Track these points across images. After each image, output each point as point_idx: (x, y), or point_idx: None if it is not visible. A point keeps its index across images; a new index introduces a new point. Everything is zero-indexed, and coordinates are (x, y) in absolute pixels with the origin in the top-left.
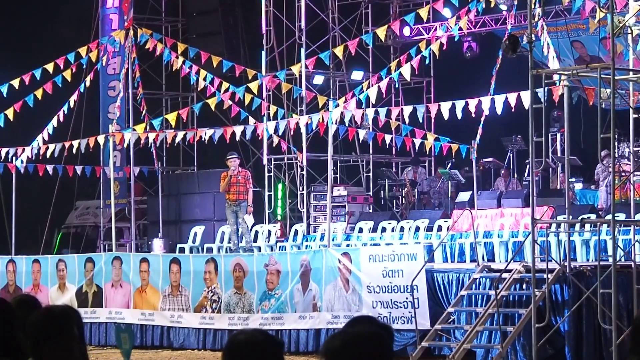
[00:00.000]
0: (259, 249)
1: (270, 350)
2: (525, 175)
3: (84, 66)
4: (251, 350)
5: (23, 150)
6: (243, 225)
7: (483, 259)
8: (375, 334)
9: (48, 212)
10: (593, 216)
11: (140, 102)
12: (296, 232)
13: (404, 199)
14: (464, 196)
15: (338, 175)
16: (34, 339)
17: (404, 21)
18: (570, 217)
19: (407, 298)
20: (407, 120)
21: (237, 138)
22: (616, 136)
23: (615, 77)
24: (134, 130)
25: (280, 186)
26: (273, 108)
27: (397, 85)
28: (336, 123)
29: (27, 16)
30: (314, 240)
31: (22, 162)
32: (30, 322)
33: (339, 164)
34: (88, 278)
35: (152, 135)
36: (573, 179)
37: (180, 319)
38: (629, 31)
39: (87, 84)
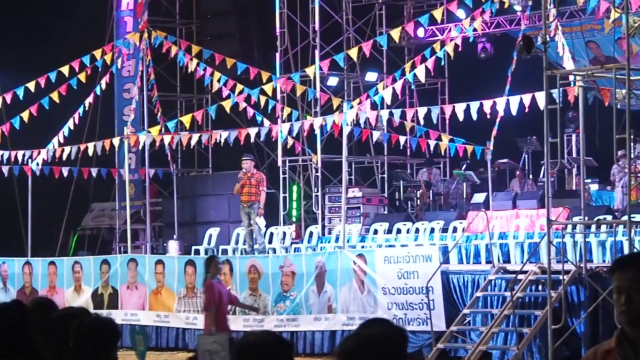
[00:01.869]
0: (274, 250)
1: (280, 352)
2: (541, 176)
3: (99, 69)
4: (261, 352)
5: (39, 153)
6: (255, 227)
7: (498, 261)
8: (389, 336)
9: (64, 215)
10: (609, 217)
11: (155, 104)
12: (311, 233)
13: (418, 201)
14: (479, 197)
15: (353, 177)
16: (81, 345)
17: (418, 22)
18: (586, 218)
19: (422, 299)
20: (421, 122)
21: (252, 140)
22: (632, 137)
23: (631, 78)
24: (149, 132)
25: (295, 188)
26: (287, 110)
27: (411, 87)
28: (351, 124)
29: (42, 19)
30: (329, 242)
31: (37, 164)
32: (79, 328)
33: (353, 166)
34: (104, 280)
35: (167, 138)
36: (589, 180)
37: (196, 321)
38: None
39: (102, 86)
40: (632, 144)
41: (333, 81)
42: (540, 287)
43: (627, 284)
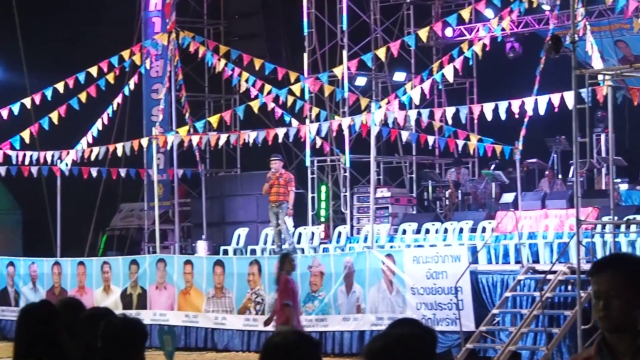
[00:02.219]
0: (303, 250)
1: (307, 351)
2: (570, 176)
3: (127, 69)
4: (288, 352)
5: (68, 153)
6: (283, 227)
7: (527, 261)
8: (417, 336)
9: (92, 215)
10: (639, 217)
11: (183, 104)
12: (340, 233)
13: (447, 200)
14: (507, 197)
15: (381, 177)
16: (109, 346)
17: (446, 22)
18: (616, 218)
19: (451, 300)
20: (450, 122)
21: (280, 140)
22: None
23: None
24: (177, 132)
25: (323, 188)
26: (315, 110)
27: (439, 87)
28: (379, 124)
29: (70, 20)
30: (358, 242)
31: (66, 165)
32: (107, 328)
33: (382, 166)
34: (132, 280)
35: (195, 138)
36: (618, 180)
37: (224, 321)
38: None
39: (131, 87)
40: None
41: (361, 81)
42: (569, 287)
43: (606, 288)
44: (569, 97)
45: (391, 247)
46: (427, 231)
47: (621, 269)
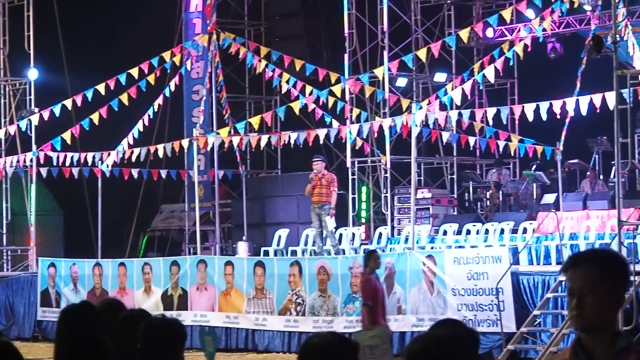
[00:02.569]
0: (343, 251)
1: (345, 353)
2: (611, 176)
3: (168, 70)
4: (325, 353)
5: (109, 155)
6: (326, 228)
7: None
8: (457, 338)
9: (133, 216)
10: None
11: (224, 105)
12: (380, 234)
13: (488, 201)
14: (549, 198)
15: (422, 178)
16: (148, 346)
17: (487, 22)
18: None
19: (492, 301)
20: (491, 122)
21: (321, 141)
22: None
23: None
24: (218, 134)
25: (364, 189)
26: (356, 111)
27: (480, 87)
28: (420, 125)
29: (111, 21)
30: (398, 243)
31: (107, 166)
32: (147, 329)
33: (422, 167)
34: (173, 281)
35: (236, 139)
36: None
37: (265, 322)
38: None
39: (172, 88)
40: None
41: (402, 82)
42: None
43: (579, 285)
44: (611, 98)
45: (432, 248)
46: (468, 232)
47: (597, 264)
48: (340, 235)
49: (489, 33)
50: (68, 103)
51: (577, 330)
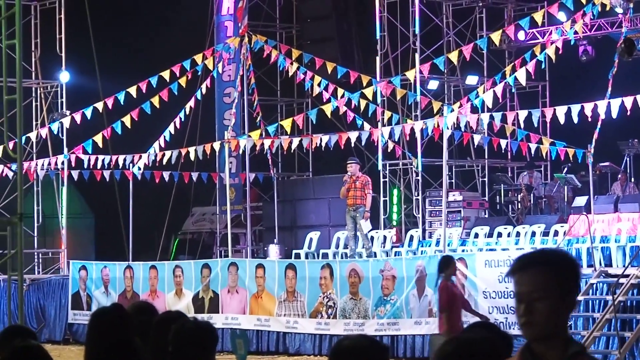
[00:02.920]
0: (374, 254)
1: (376, 355)
2: None
3: (200, 73)
4: (357, 356)
5: (140, 157)
6: (360, 231)
7: (600, 264)
8: (487, 340)
9: (164, 219)
10: None
11: (255, 108)
12: (411, 237)
13: (519, 204)
14: (580, 201)
15: (453, 181)
16: (180, 349)
17: (518, 25)
18: None
19: None
20: (522, 125)
21: (352, 144)
22: None
23: None
24: (249, 136)
25: (395, 192)
26: (388, 113)
27: (512, 90)
28: (451, 128)
29: (143, 24)
30: (430, 246)
31: (139, 169)
32: (179, 332)
33: (454, 169)
34: (204, 284)
35: (267, 142)
36: None
37: (296, 325)
38: None
39: (203, 90)
40: None
41: (433, 85)
42: None
43: (528, 288)
44: None
45: (463, 250)
46: (499, 235)
47: (547, 266)
48: (372, 238)
49: (521, 36)
50: (99, 106)
51: (527, 338)
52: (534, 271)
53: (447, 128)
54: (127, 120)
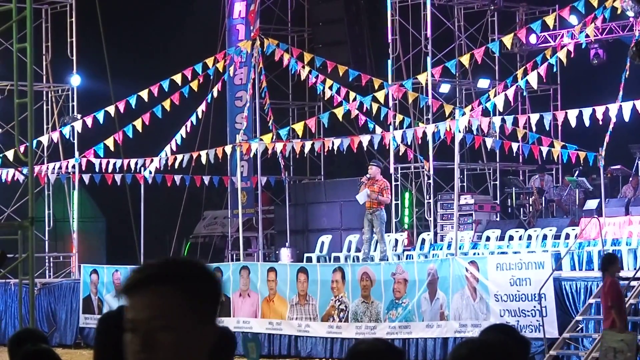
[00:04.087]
0: (386, 258)
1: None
2: None
3: (211, 77)
4: None
5: (151, 161)
6: (378, 235)
7: None
8: (503, 344)
9: (176, 222)
10: None
11: (267, 112)
12: (423, 240)
13: (531, 207)
14: (591, 204)
15: (465, 184)
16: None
17: (530, 29)
18: None
19: (534, 306)
20: (534, 128)
21: (364, 147)
22: None
23: None
24: (261, 140)
25: (407, 195)
26: (399, 117)
27: (523, 93)
28: (463, 131)
29: (154, 28)
30: (441, 249)
31: (150, 172)
32: None
33: (465, 173)
34: None
35: (279, 145)
36: None
37: (308, 328)
38: None
39: (215, 94)
40: None
41: (445, 88)
42: None
43: (146, 315)
44: None
45: (475, 254)
46: (511, 238)
47: (175, 283)
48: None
49: (532, 39)
50: (111, 109)
51: None
52: (157, 290)
53: (459, 131)
54: (138, 123)
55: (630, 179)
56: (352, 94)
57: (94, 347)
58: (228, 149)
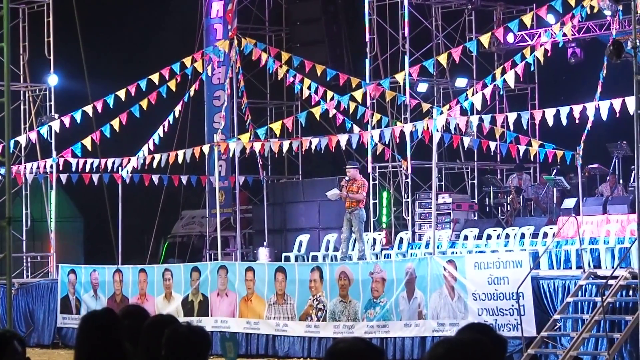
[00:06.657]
0: (365, 257)
1: (372, 358)
2: (631, 181)
3: (189, 76)
4: (353, 359)
5: (129, 161)
6: (357, 234)
7: (589, 266)
8: (479, 343)
9: (154, 222)
10: None
11: (245, 111)
12: (401, 239)
13: (509, 206)
14: (569, 202)
15: (443, 183)
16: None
17: (507, 28)
18: None
19: (512, 305)
20: (511, 127)
21: (342, 147)
22: None
23: None
24: (239, 139)
25: (385, 194)
26: (377, 116)
27: (501, 92)
28: (440, 130)
29: (132, 27)
30: (419, 248)
31: (127, 172)
32: (172, 337)
33: (443, 172)
34: (194, 287)
35: (257, 145)
36: None
37: (286, 328)
38: None
39: (192, 93)
40: None
41: (423, 87)
42: (631, 292)
43: None
44: (631, 102)
45: (453, 252)
46: (489, 237)
47: None
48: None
49: (510, 38)
50: (88, 109)
51: None
52: None
53: (437, 130)
54: (116, 123)
55: (608, 177)
56: (329, 93)
57: (75, 346)
58: (206, 148)
